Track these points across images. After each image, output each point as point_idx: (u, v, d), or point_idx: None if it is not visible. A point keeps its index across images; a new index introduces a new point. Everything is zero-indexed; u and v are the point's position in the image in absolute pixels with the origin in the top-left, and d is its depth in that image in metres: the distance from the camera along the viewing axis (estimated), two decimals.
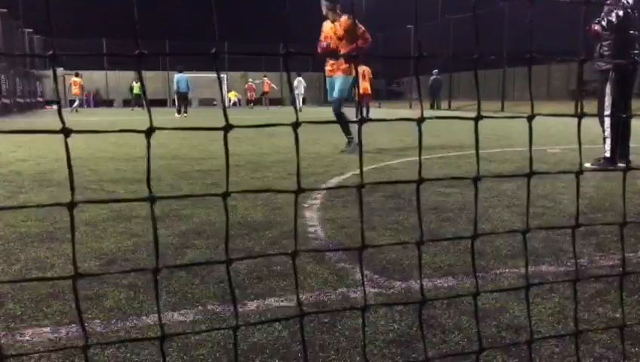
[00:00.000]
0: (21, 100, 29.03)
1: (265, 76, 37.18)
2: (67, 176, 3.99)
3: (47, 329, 2.03)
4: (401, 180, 0.80)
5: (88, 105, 42.00)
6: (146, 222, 3.61)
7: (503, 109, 24.36)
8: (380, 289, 2.42)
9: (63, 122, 0.77)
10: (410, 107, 32.71)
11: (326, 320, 2.09)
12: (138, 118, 21.30)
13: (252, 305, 2.24)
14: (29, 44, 35.50)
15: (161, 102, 42.17)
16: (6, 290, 2.39)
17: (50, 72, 40.26)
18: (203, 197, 4.27)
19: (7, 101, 25.42)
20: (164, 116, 23.55)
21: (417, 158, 5.10)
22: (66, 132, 0.76)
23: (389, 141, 9.58)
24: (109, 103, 43.33)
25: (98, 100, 43.26)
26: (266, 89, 36.09)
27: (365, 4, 38.37)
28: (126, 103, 42.49)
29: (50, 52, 0.77)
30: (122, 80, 43.23)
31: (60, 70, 41.23)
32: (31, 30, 36.02)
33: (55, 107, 37.62)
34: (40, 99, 36.14)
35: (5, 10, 25.26)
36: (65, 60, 37.48)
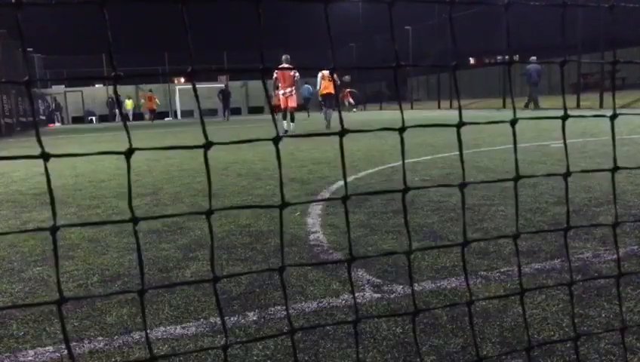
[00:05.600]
0: (24, 119, 29.18)
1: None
2: (70, 194, 3.98)
3: (50, 348, 2.03)
4: (387, 190, 0.79)
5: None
6: (148, 237, 3.61)
7: (504, 106, 24.32)
8: (382, 293, 2.40)
9: (41, 146, 0.77)
10: (412, 108, 32.69)
11: (329, 327, 2.08)
12: (141, 132, 21.36)
13: (253, 316, 2.23)
14: (29, 63, 35.71)
15: (164, 114, 42.30)
16: (9, 311, 2.40)
17: (51, 90, 40.54)
18: (203, 209, 4.27)
19: (9, 121, 25.55)
20: (169, 128, 23.61)
21: (419, 159, 5.07)
22: (45, 156, 0.76)
23: (392, 142, 9.56)
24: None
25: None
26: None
27: (362, 4, 38.38)
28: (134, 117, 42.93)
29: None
30: (123, 95, 43.49)
31: (61, 87, 41.50)
32: (31, 49, 36.25)
33: (58, 125, 37.84)
34: (42, 118, 36.36)
35: (5, 30, 25.42)
36: (65, 76, 37.78)
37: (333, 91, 16.06)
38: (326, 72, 16.01)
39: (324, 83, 16.12)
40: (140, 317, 2.28)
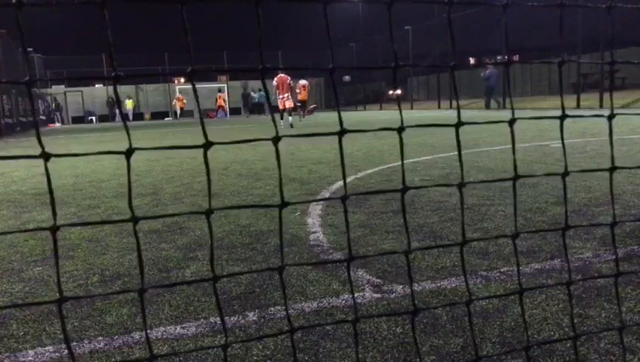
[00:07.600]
0: (24, 119, 29.19)
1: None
2: (70, 194, 3.99)
3: (50, 348, 2.03)
4: (387, 190, 0.79)
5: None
6: (149, 237, 3.61)
7: (504, 106, 24.33)
8: (382, 293, 2.41)
9: (41, 146, 0.77)
10: (412, 108, 32.68)
11: (329, 327, 2.08)
12: (141, 132, 21.36)
13: (253, 316, 2.23)
14: (29, 63, 35.73)
15: (164, 114, 42.25)
16: (9, 311, 2.40)
17: (51, 90, 40.54)
18: (203, 209, 4.27)
19: (10, 121, 25.55)
20: (169, 128, 23.61)
21: (419, 159, 5.07)
22: (45, 156, 0.76)
23: (392, 142, 9.57)
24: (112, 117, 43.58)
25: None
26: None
27: (362, 4, 38.36)
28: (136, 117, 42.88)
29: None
30: (123, 95, 43.46)
31: (61, 87, 41.51)
32: (31, 49, 36.26)
33: (58, 125, 37.83)
34: (42, 118, 36.40)
35: (5, 30, 25.43)
36: (65, 76, 37.78)
37: (306, 98, 21.56)
38: (303, 82, 21.48)
39: (302, 91, 21.13)
40: (140, 317, 2.28)
